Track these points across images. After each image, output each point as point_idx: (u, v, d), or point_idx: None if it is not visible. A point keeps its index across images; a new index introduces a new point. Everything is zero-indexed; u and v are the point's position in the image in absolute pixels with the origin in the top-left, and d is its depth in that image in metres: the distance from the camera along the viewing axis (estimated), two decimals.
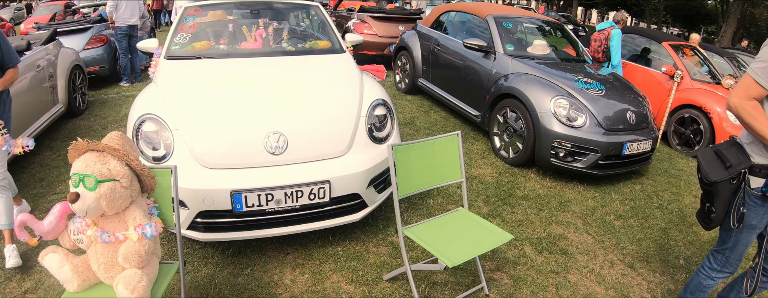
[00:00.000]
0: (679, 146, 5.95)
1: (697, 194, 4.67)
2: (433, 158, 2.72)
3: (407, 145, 2.59)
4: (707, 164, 2.16)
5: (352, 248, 3.24)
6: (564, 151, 4.32)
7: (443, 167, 2.77)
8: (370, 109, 3.26)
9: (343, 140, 3.02)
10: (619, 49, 6.01)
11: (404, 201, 4.00)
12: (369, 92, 3.44)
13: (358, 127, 3.13)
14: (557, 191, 4.35)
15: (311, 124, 2.96)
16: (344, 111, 3.15)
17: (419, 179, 2.66)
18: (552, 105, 4.36)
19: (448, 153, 2.79)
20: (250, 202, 2.66)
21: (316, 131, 2.95)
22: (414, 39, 6.87)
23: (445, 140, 2.78)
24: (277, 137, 2.82)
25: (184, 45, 3.93)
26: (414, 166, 2.62)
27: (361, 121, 3.16)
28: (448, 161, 2.79)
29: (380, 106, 3.37)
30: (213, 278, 2.83)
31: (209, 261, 2.99)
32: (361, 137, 3.13)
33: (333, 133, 3.00)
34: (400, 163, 2.52)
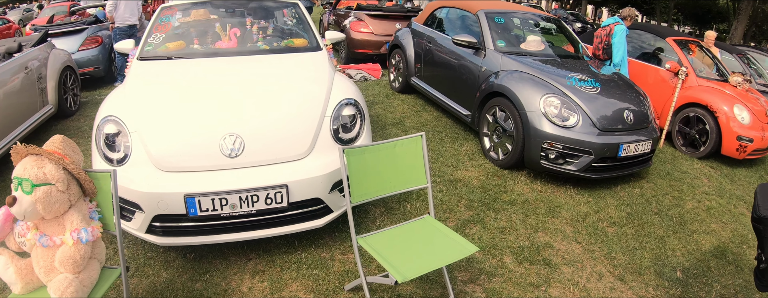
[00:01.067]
0: (684, 147, 5.57)
1: (701, 198, 4.31)
2: (394, 162, 2.49)
3: (362, 148, 2.37)
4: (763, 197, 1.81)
5: (317, 255, 3.03)
6: (555, 152, 3.99)
7: (405, 170, 2.53)
8: (336, 110, 3.08)
9: (303, 142, 2.85)
10: (622, 46, 5.59)
11: (378, 205, 3.71)
12: (338, 91, 3.27)
13: (322, 128, 2.95)
14: (547, 196, 4.03)
15: (270, 126, 2.82)
16: (307, 111, 2.98)
17: (377, 185, 2.44)
18: (542, 104, 4.03)
19: (411, 156, 2.53)
20: (204, 206, 2.55)
21: (274, 133, 2.80)
22: (407, 37, 6.57)
23: (408, 142, 2.52)
24: (234, 139, 2.69)
25: (157, 45, 3.81)
26: (371, 170, 2.39)
27: (325, 122, 2.99)
28: (411, 164, 2.54)
29: (349, 106, 3.17)
30: (171, 282, 2.71)
31: (170, 265, 2.87)
32: (325, 139, 2.95)
33: (293, 135, 2.84)
34: (355, 167, 2.32)
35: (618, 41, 5.56)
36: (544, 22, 5.55)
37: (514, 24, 5.23)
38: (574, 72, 4.46)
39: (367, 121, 3.30)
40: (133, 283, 2.70)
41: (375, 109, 6.09)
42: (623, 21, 5.70)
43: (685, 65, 5.65)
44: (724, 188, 4.65)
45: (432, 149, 4.85)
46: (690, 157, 5.43)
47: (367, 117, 3.30)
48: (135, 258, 2.93)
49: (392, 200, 3.82)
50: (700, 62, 5.99)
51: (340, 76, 3.68)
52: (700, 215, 3.98)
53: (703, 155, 5.35)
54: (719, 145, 5.22)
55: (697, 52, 6.08)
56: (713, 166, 5.25)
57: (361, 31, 8.23)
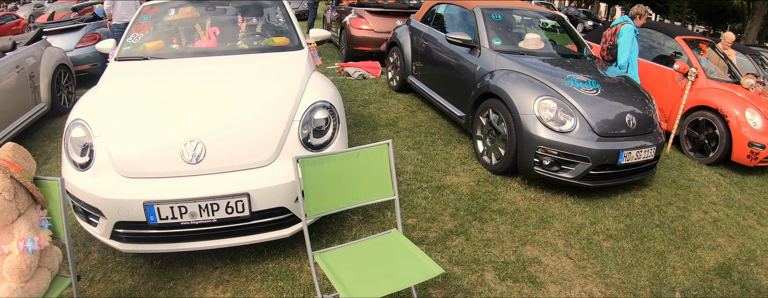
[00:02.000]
0: (693, 153, 5.21)
1: (708, 209, 3.98)
2: (358, 172, 2.28)
3: (321, 157, 2.17)
4: None
5: (285, 266, 2.85)
6: (549, 159, 3.69)
7: (370, 181, 2.30)
8: (306, 113, 2.90)
9: (268, 148, 2.68)
10: (628, 47, 5.17)
11: (357, 213, 3.45)
12: (312, 93, 3.07)
13: (290, 133, 2.78)
14: (541, 205, 3.73)
15: (233, 131, 2.66)
16: (273, 115, 2.81)
17: (337, 197, 2.23)
18: (536, 106, 3.73)
19: (377, 166, 2.30)
20: (163, 214, 2.44)
21: (237, 138, 2.65)
22: (405, 34, 6.29)
23: (373, 151, 2.30)
24: (195, 145, 2.56)
25: (135, 45, 3.69)
26: (330, 181, 2.20)
27: (293, 127, 2.81)
28: (377, 174, 2.31)
29: (321, 110, 2.98)
30: (135, 289, 2.63)
31: (136, 272, 2.77)
32: (292, 145, 2.77)
33: (257, 141, 2.68)
34: (311, 178, 2.14)
35: (623, 41, 5.18)
36: (546, 19, 5.22)
37: (513, 21, 4.92)
38: (574, 73, 4.14)
39: (343, 125, 3.09)
40: (99, 289, 2.62)
41: (369, 109, 5.82)
42: (633, 20, 5.30)
43: (694, 66, 5.29)
44: (733, 197, 4.31)
45: (422, 153, 4.57)
46: (698, 163, 5.08)
47: (342, 121, 3.09)
48: (104, 263, 2.83)
49: (372, 207, 3.56)
50: (711, 63, 5.62)
51: (318, 76, 3.46)
52: (705, 228, 3.66)
53: (712, 162, 5.00)
54: (729, 152, 4.86)
55: (709, 52, 5.70)
56: (722, 173, 4.90)
57: (361, 29, 7.96)
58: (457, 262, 2.95)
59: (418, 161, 4.37)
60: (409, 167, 4.27)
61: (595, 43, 6.82)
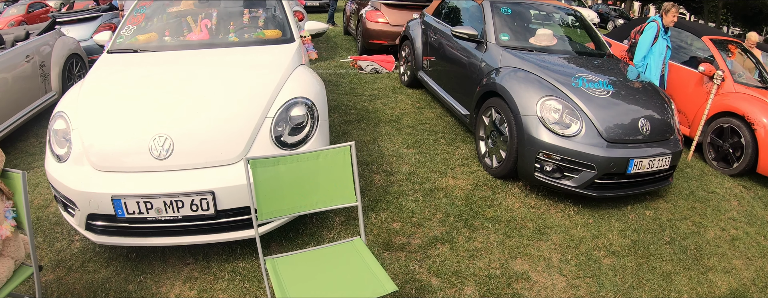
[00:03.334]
0: (715, 162, 4.75)
1: (726, 225, 3.57)
2: (317, 175, 2.08)
3: (275, 158, 1.97)
4: None
5: (256, 266, 2.69)
6: (551, 164, 3.35)
7: (331, 185, 2.08)
8: (281, 110, 2.75)
9: (236, 146, 2.56)
10: (647, 45, 4.72)
11: (340, 214, 3.20)
12: (291, 89, 2.91)
13: (261, 130, 2.65)
14: (540, 213, 3.40)
15: (201, 127, 2.57)
16: (246, 111, 2.68)
17: (294, 200, 2.05)
18: (539, 107, 3.39)
19: (338, 169, 2.07)
20: (130, 209, 2.39)
21: (206, 134, 2.55)
22: (417, 28, 5.97)
23: (334, 153, 2.06)
24: (163, 140, 2.49)
25: (128, 37, 3.61)
26: (286, 184, 2.00)
27: (265, 124, 2.68)
28: (338, 178, 2.08)
29: (298, 106, 2.81)
30: (107, 281, 2.57)
31: (111, 263, 2.71)
32: (263, 142, 2.64)
33: (226, 138, 2.57)
34: (264, 180, 1.95)
35: (643, 39, 4.76)
36: (561, 14, 4.82)
37: (524, 16, 4.54)
38: (585, 72, 3.76)
39: (322, 123, 2.87)
40: (75, 277, 2.59)
41: (375, 105, 5.54)
42: (661, 17, 4.85)
43: (721, 68, 4.81)
44: (756, 213, 3.87)
45: (422, 152, 4.27)
46: (721, 173, 4.63)
47: (322, 119, 2.88)
48: (84, 253, 2.79)
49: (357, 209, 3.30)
50: (740, 66, 5.11)
51: (303, 71, 3.24)
52: (721, 247, 3.26)
53: (736, 173, 4.54)
54: (755, 162, 4.40)
55: (737, 54, 5.19)
56: (746, 186, 4.44)
57: (377, 22, 7.66)
58: (436, 273, 2.67)
59: (415, 161, 4.08)
60: (404, 166, 3.98)
61: (618, 41, 6.36)
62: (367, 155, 4.17)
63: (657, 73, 4.82)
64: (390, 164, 4.01)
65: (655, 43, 4.75)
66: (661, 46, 4.78)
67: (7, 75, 4.38)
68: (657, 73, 4.82)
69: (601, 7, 22.41)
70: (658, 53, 4.78)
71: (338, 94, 5.91)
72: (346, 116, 5.10)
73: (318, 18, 12.28)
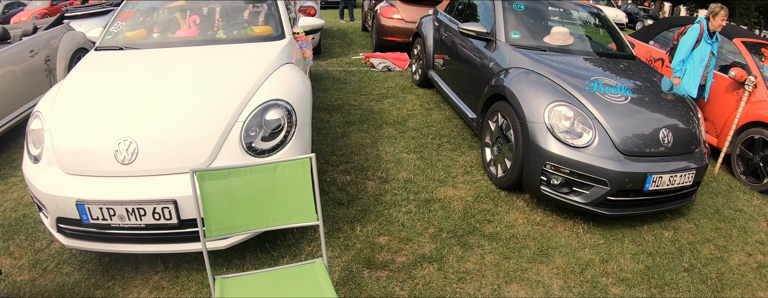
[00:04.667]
0: (744, 176, 4.28)
1: (753, 250, 3.14)
2: (274, 190, 1.79)
3: (227, 170, 1.71)
4: None
5: None
6: (559, 178, 2.98)
7: (289, 201, 1.82)
8: (254, 113, 2.51)
9: (202, 152, 2.34)
10: (687, 48, 4.26)
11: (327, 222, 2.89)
12: (268, 90, 2.66)
13: (230, 135, 2.42)
14: (545, 231, 3.03)
15: (167, 131, 2.36)
16: (214, 114, 2.44)
17: (248, 216, 1.78)
18: (547, 114, 3.01)
19: (297, 184, 1.82)
20: (94, 214, 2.24)
21: (171, 139, 2.34)
22: (429, 25, 5.61)
23: (293, 166, 1.79)
24: (128, 144, 2.31)
25: (116, 34, 3.44)
26: (238, 198, 1.76)
27: (235, 128, 2.44)
28: (297, 194, 1.82)
29: (275, 109, 2.56)
30: (77, 285, 2.44)
31: (84, 267, 2.57)
32: (232, 148, 2.40)
33: (191, 143, 2.35)
34: (214, 193, 1.72)
35: (683, 42, 4.30)
36: (581, 12, 4.39)
37: (539, 13, 4.13)
38: (602, 75, 3.36)
39: (302, 128, 2.60)
40: (49, 279, 2.48)
41: (382, 105, 5.21)
42: (707, 21, 4.27)
43: (754, 74, 4.31)
44: None
45: (423, 157, 3.93)
46: (749, 189, 4.15)
47: (301, 123, 2.60)
48: (60, 254, 2.68)
49: (345, 218, 3.00)
50: None
51: (288, 70, 2.96)
52: (746, 276, 2.84)
53: (767, 189, 4.06)
54: None
55: None
56: None
57: (391, 18, 7.31)
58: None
59: (414, 168, 3.75)
60: (402, 173, 3.66)
61: (642, 41, 5.87)
62: (363, 160, 3.85)
63: (696, 81, 4.33)
64: (386, 170, 3.69)
65: (696, 47, 4.27)
66: (704, 51, 4.28)
67: (11, 69, 4.27)
68: (696, 81, 4.33)
69: (629, 7, 21.47)
70: (699, 59, 4.28)
71: (345, 92, 5.60)
72: (348, 117, 4.79)
73: (337, 14, 11.99)
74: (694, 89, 4.33)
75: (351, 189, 3.41)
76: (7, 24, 6.92)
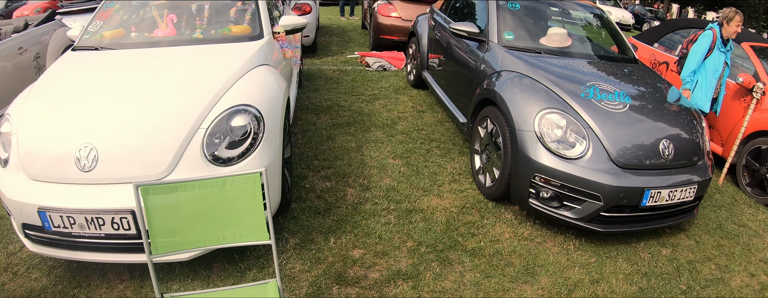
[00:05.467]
0: (750, 188, 4.01)
1: (756, 270, 2.89)
2: (224, 206, 1.65)
3: (174, 184, 1.58)
4: None
5: (190, 288, 2.34)
6: (549, 191, 2.74)
7: (239, 218, 1.66)
8: (219, 120, 2.34)
9: (162, 160, 2.22)
10: (698, 58, 3.84)
11: (296, 233, 2.67)
12: (236, 94, 2.49)
13: (192, 142, 2.28)
14: (532, 247, 2.80)
15: (127, 137, 2.25)
16: (176, 121, 2.30)
17: (196, 233, 1.65)
18: (537, 122, 2.77)
19: (247, 200, 1.64)
20: (55, 222, 2.15)
21: (131, 146, 2.23)
22: (424, 23, 5.37)
23: (242, 181, 1.63)
24: (88, 151, 2.20)
25: (94, 34, 3.28)
26: (186, 214, 1.63)
27: (197, 135, 2.29)
28: (247, 211, 1.65)
29: (241, 115, 2.39)
30: (44, 291, 2.34)
31: (53, 272, 2.47)
32: (193, 157, 2.26)
33: (152, 150, 2.23)
34: (159, 208, 1.59)
35: (694, 50, 3.89)
36: (581, 13, 4.13)
37: (535, 12, 3.87)
38: (599, 80, 3.11)
39: (271, 136, 2.43)
40: (18, 283, 2.41)
41: (373, 106, 4.98)
42: (720, 27, 3.87)
43: (762, 80, 4.04)
44: None
45: (409, 164, 3.70)
46: (755, 202, 3.89)
47: (270, 130, 2.43)
48: (31, 258, 2.59)
49: (319, 229, 2.78)
50: None
51: (261, 72, 2.79)
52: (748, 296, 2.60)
53: None
54: None
55: None
56: None
57: (389, 16, 7.08)
58: None
59: (399, 174, 3.52)
60: (385, 180, 3.43)
61: (646, 44, 5.59)
62: (346, 165, 3.63)
63: (708, 93, 3.92)
64: (369, 177, 3.46)
65: (709, 56, 3.86)
66: (717, 60, 3.87)
67: (0, 66, 4.13)
68: (708, 94, 3.93)
69: (636, 8, 21.06)
70: (711, 69, 3.87)
71: (336, 92, 5.37)
72: (337, 118, 4.57)
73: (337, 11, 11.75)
74: (706, 103, 3.94)
75: (329, 197, 3.19)
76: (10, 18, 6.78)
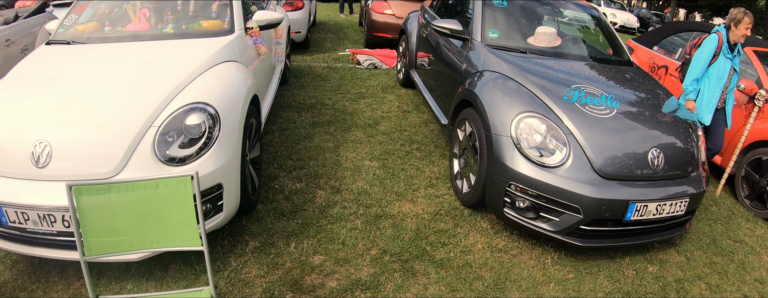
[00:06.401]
0: (749, 200, 3.76)
1: (750, 291, 2.66)
2: (156, 209, 1.58)
3: (107, 185, 1.52)
4: None
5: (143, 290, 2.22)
6: (525, 201, 2.51)
7: (171, 223, 1.59)
8: (173, 118, 2.24)
9: (112, 158, 2.14)
10: (701, 64, 3.40)
11: (257, 235, 2.46)
12: (193, 91, 2.38)
13: (143, 141, 2.19)
14: (506, 260, 2.57)
15: (80, 134, 2.18)
16: (128, 118, 2.21)
17: (130, 235, 1.59)
18: (514, 126, 2.54)
19: (179, 204, 1.57)
20: (11, 217, 2.11)
21: (83, 143, 2.16)
22: (414, 21, 5.14)
23: (174, 184, 1.56)
24: (43, 147, 2.15)
25: (68, 28, 3.21)
26: (120, 216, 1.57)
27: (148, 134, 2.21)
28: (179, 215, 1.58)
29: (196, 113, 2.28)
30: (4, 285, 2.26)
31: (15, 267, 2.38)
32: (144, 156, 2.17)
33: (102, 148, 2.15)
34: (93, 210, 1.54)
35: (697, 56, 3.44)
36: (572, 11, 3.88)
37: (524, 10, 3.62)
38: (585, 83, 2.87)
39: (227, 135, 2.32)
40: None
41: (358, 105, 4.76)
42: (727, 30, 3.44)
43: (766, 87, 3.78)
44: None
45: (386, 166, 3.48)
46: (753, 216, 3.63)
47: (224, 129, 2.31)
48: None
49: (282, 232, 2.57)
50: None
51: (225, 69, 2.70)
52: None
53: None
54: None
55: None
56: None
57: (383, 13, 6.86)
58: None
59: (373, 177, 3.30)
60: (358, 183, 3.21)
61: (646, 46, 5.34)
62: (319, 166, 3.41)
63: (711, 103, 3.46)
64: (342, 179, 3.25)
65: (714, 62, 3.42)
66: (723, 67, 3.42)
67: None
68: (711, 104, 3.46)
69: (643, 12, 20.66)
70: (716, 77, 3.41)
71: (322, 90, 5.16)
72: (318, 117, 4.35)
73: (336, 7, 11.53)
74: (708, 115, 3.48)
75: (298, 199, 2.99)
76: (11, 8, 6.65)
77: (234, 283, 2.26)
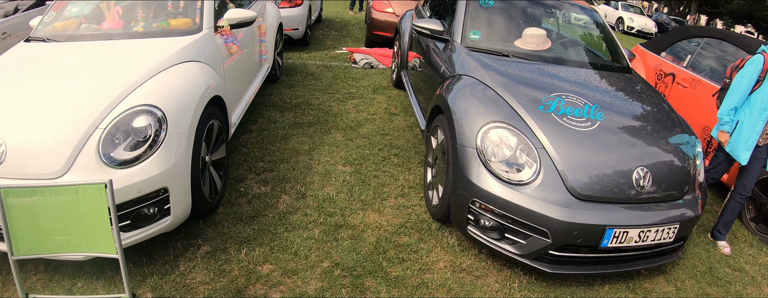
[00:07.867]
0: (754, 223, 3.39)
1: None
2: (75, 214, 1.57)
3: (33, 189, 1.55)
4: None
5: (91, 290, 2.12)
6: (489, 220, 2.23)
7: (88, 229, 1.58)
8: (119, 119, 2.16)
9: (57, 159, 2.07)
10: (745, 90, 2.76)
11: (212, 239, 2.25)
12: (142, 93, 2.28)
13: (88, 143, 2.12)
14: (470, 281, 2.29)
15: (32, 134, 2.12)
16: (75, 119, 2.13)
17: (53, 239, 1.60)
18: (480, 137, 2.26)
19: (95, 211, 1.55)
20: None
21: (34, 143, 2.10)
22: (409, 20, 4.86)
23: (91, 190, 1.53)
24: None
25: (47, 25, 3.12)
26: (44, 219, 1.57)
27: (94, 135, 2.13)
28: (95, 222, 1.56)
29: (144, 116, 2.19)
30: None
31: None
32: (89, 157, 2.09)
33: (51, 148, 2.09)
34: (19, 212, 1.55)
35: (737, 81, 2.80)
36: (567, 12, 3.55)
37: (513, 11, 3.31)
38: (568, 91, 2.57)
39: (175, 138, 2.22)
40: None
41: (345, 106, 4.52)
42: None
43: None
44: None
45: (358, 172, 3.23)
46: (758, 241, 3.27)
47: (172, 132, 2.23)
48: None
49: (236, 238, 2.34)
50: None
51: (182, 69, 2.57)
52: None
53: None
54: None
55: None
56: None
57: (384, 12, 6.59)
58: None
59: (342, 184, 3.05)
60: (326, 189, 2.97)
61: (654, 52, 4.96)
62: (289, 169, 3.18)
63: (752, 138, 2.75)
64: (309, 184, 3.01)
65: (757, 88, 2.76)
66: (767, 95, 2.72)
67: None
68: (752, 139, 2.76)
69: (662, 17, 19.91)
70: (760, 107, 2.71)
71: (311, 89, 4.92)
72: (300, 117, 4.12)
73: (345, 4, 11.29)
74: (745, 152, 2.79)
75: (259, 203, 2.77)
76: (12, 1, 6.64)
77: (177, 288, 2.10)
